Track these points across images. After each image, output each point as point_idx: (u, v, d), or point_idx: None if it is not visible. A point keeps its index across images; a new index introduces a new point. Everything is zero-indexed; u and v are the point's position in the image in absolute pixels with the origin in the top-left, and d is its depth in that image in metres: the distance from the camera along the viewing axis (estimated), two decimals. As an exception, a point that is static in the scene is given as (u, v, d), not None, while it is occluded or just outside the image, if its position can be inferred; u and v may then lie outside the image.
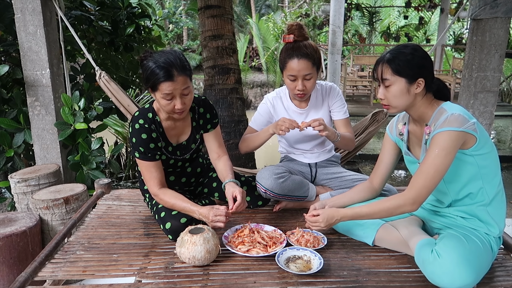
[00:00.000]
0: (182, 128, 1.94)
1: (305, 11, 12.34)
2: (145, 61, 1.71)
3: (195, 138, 1.99)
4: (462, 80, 3.17)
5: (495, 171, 1.50)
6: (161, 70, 1.65)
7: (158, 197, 1.83)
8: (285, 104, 2.16)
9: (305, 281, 1.46)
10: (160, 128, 1.86)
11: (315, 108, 2.15)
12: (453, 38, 12.69)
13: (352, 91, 9.48)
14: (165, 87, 1.67)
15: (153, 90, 1.72)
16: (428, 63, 1.50)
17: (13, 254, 2.15)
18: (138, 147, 1.80)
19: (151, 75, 1.67)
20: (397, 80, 1.49)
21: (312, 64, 1.95)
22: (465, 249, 1.38)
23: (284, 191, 1.98)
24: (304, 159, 2.23)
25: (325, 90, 2.16)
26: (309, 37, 2.02)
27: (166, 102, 1.71)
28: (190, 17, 15.20)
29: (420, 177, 1.45)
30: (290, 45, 1.97)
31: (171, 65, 1.66)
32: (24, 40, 2.73)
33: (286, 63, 1.97)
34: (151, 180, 1.83)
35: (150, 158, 1.82)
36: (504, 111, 8.11)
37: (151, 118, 1.83)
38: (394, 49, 1.52)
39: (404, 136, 1.68)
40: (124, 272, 1.54)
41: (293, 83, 1.99)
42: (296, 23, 1.99)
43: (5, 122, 2.81)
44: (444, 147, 1.39)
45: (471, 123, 1.40)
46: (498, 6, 2.85)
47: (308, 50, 1.94)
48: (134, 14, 3.60)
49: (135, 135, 1.80)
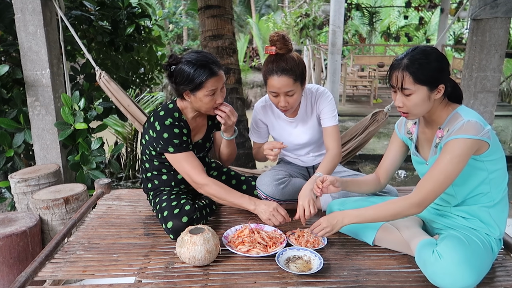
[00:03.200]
0: (200, 127, 2.00)
1: (305, 11, 12.35)
2: (179, 65, 1.76)
3: (209, 137, 2.05)
4: (462, 80, 3.17)
5: (503, 175, 1.50)
6: (205, 68, 1.73)
7: (207, 186, 1.79)
8: (275, 113, 2.09)
9: (305, 281, 1.46)
10: (187, 126, 1.90)
11: (305, 117, 2.07)
12: (453, 38, 12.69)
13: (352, 91, 9.49)
14: (211, 83, 1.74)
15: (197, 89, 1.76)
16: (446, 66, 1.45)
17: (13, 254, 2.15)
18: (171, 141, 1.80)
19: (197, 75, 1.72)
20: (419, 89, 1.42)
21: (293, 80, 1.81)
22: (466, 250, 1.38)
23: (285, 196, 1.98)
24: (301, 163, 2.23)
25: (315, 97, 2.04)
26: (292, 49, 1.86)
27: (210, 98, 1.78)
28: (190, 17, 15.21)
29: (429, 181, 1.43)
30: (271, 59, 1.83)
31: (212, 62, 1.75)
32: (24, 40, 2.73)
33: (266, 79, 1.85)
34: (195, 169, 1.80)
35: (185, 148, 1.82)
36: (504, 111, 8.11)
37: (178, 117, 1.86)
38: (412, 54, 1.43)
39: (413, 136, 1.67)
40: (124, 272, 1.54)
41: (275, 99, 1.89)
42: (279, 34, 1.82)
43: (5, 122, 2.81)
44: (457, 155, 1.37)
45: (486, 131, 1.38)
46: (498, 6, 2.85)
47: (289, 65, 1.80)
48: (134, 14, 3.60)
49: (167, 130, 1.80)
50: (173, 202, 1.84)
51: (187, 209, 1.80)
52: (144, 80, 4.09)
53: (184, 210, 1.79)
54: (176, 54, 1.84)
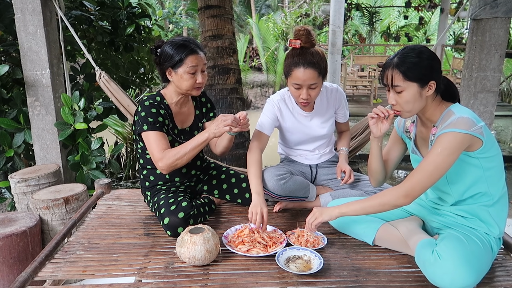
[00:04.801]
0: (186, 115, 2.05)
1: (305, 11, 12.35)
2: (163, 46, 1.88)
3: (197, 126, 2.09)
4: (462, 80, 3.17)
5: (500, 173, 1.50)
6: (186, 46, 1.84)
7: (166, 157, 1.80)
8: (290, 107, 2.11)
9: (305, 281, 1.46)
10: (169, 110, 1.96)
11: (320, 111, 2.12)
12: (453, 38, 12.69)
13: (352, 91, 9.49)
14: (191, 60, 1.83)
15: (178, 66, 1.84)
16: (437, 64, 1.48)
17: (13, 254, 2.15)
18: (147, 119, 1.84)
19: (177, 52, 1.83)
20: (409, 86, 1.46)
21: (318, 73, 1.86)
22: (465, 250, 1.38)
23: (286, 192, 1.99)
24: (305, 161, 2.23)
25: (330, 93, 2.12)
26: (316, 44, 1.92)
27: (189, 76, 1.85)
28: (190, 17, 15.20)
29: (417, 172, 1.44)
30: (296, 51, 1.87)
31: (192, 42, 1.87)
32: (24, 40, 2.73)
33: (291, 70, 1.87)
34: (158, 147, 1.82)
35: (158, 128, 1.85)
36: (504, 111, 8.11)
37: (159, 101, 1.93)
38: (401, 53, 1.48)
39: (412, 134, 1.68)
40: (124, 272, 1.54)
41: (297, 91, 1.92)
42: (304, 28, 1.87)
43: (5, 122, 2.81)
44: (447, 147, 1.38)
45: (479, 127, 1.38)
46: (498, 6, 2.85)
47: (315, 58, 1.85)
48: (134, 14, 3.60)
49: (144, 109, 1.86)
50: (170, 200, 1.86)
51: (184, 205, 1.81)
52: (144, 80, 4.09)
53: (181, 206, 1.80)
54: (162, 40, 1.97)
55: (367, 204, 1.57)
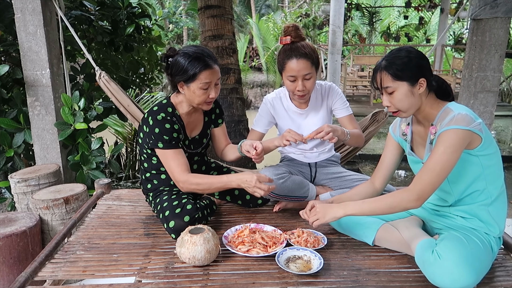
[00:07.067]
0: (196, 123, 2.02)
1: (305, 11, 12.35)
2: (175, 57, 1.81)
3: (206, 133, 2.07)
4: (462, 80, 3.17)
5: (498, 172, 1.50)
6: (200, 60, 1.76)
7: (189, 182, 1.81)
8: (285, 105, 2.16)
9: (305, 281, 1.46)
10: (181, 121, 1.92)
11: (315, 109, 2.15)
12: (453, 38, 12.68)
13: (352, 91, 9.48)
14: (205, 76, 1.77)
15: (191, 80, 1.78)
16: (425, 62, 1.51)
17: (13, 254, 2.15)
18: (162, 137, 1.81)
19: (191, 66, 1.76)
20: (399, 85, 1.48)
21: (311, 63, 1.94)
22: (465, 250, 1.38)
23: (284, 191, 1.99)
24: (304, 159, 2.23)
25: (324, 90, 2.16)
26: (305, 38, 2.02)
27: (202, 92, 1.80)
28: (190, 17, 15.20)
29: (425, 173, 1.44)
30: (287, 46, 1.97)
31: (207, 56, 1.79)
32: (24, 40, 2.73)
33: (285, 64, 1.96)
34: (179, 167, 1.82)
35: (175, 145, 1.84)
36: (504, 111, 8.11)
37: (171, 112, 1.88)
38: (388, 55, 1.52)
39: (407, 136, 1.68)
40: (124, 272, 1.54)
41: (293, 84, 1.98)
42: (292, 25, 1.99)
43: (5, 122, 2.81)
44: (450, 145, 1.39)
45: (477, 123, 1.40)
46: (498, 6, 2.85)
47: (306, 49, 1.94)
48: (134, 14, 3.59)
49: (158, 125, 1.82)
50: (175, 202, 1.84)
51: (189, 208, 1.80)
52: (144, 80, 4.09)
53: (186, 209, 1.79)
54: (174, 47, 1.89)
55: (375, 205, 1.56)
